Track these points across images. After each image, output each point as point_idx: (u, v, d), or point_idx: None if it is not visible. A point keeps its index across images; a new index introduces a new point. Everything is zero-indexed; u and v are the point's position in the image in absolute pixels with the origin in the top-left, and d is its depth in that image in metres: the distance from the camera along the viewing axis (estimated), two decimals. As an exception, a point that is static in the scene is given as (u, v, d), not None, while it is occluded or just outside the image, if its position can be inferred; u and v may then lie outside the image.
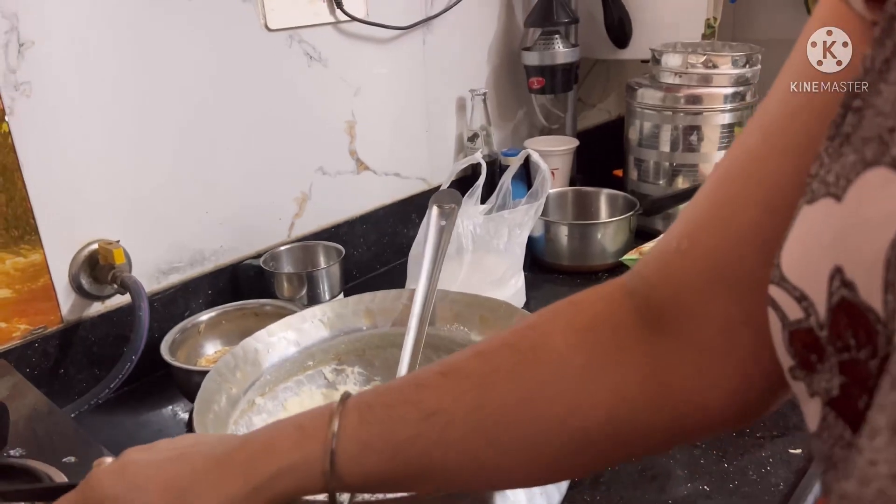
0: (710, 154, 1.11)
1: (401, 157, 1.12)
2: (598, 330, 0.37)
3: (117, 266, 0.78)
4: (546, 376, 0.36)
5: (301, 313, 0.67)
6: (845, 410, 0.24)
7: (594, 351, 0.36)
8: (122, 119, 0.80)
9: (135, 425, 0.78)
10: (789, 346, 0.27)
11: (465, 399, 0.36)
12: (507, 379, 0.36)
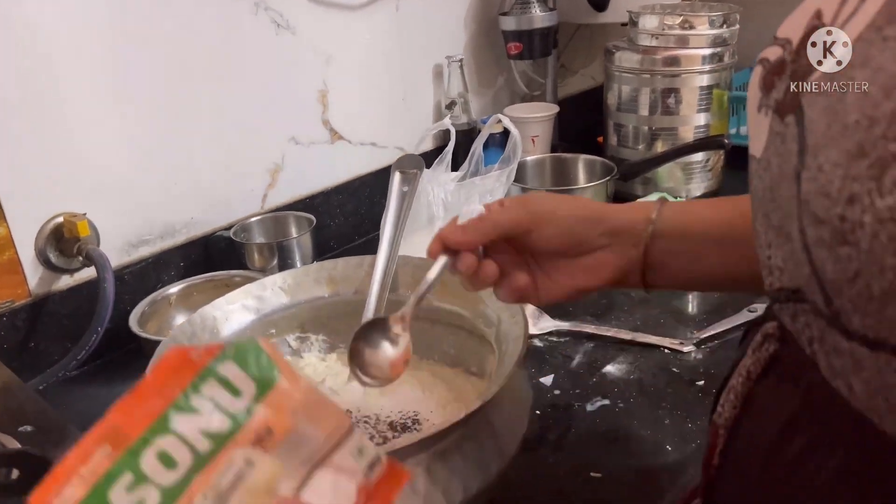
0: (689, 116, 1.09)
1: (376, 126, 1.11)
2: None
3: (83, 238, 0.78)
4: None
5: (261, 281, 0.67)
6: (783, 106, 0.30)
7: None
8: (89, 90, 0.79)
9: (105, 398, 0.78)
10: (762, 83, 0.33)
11: None
12: None
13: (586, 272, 0.49)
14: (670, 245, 0.48)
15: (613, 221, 0.49)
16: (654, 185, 1.12)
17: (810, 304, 0.29)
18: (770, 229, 0.32)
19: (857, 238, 0.23)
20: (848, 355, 0.27)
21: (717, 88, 1.09)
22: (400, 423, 0.59)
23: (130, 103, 0.83)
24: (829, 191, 0.24)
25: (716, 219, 0.48)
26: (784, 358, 0.33)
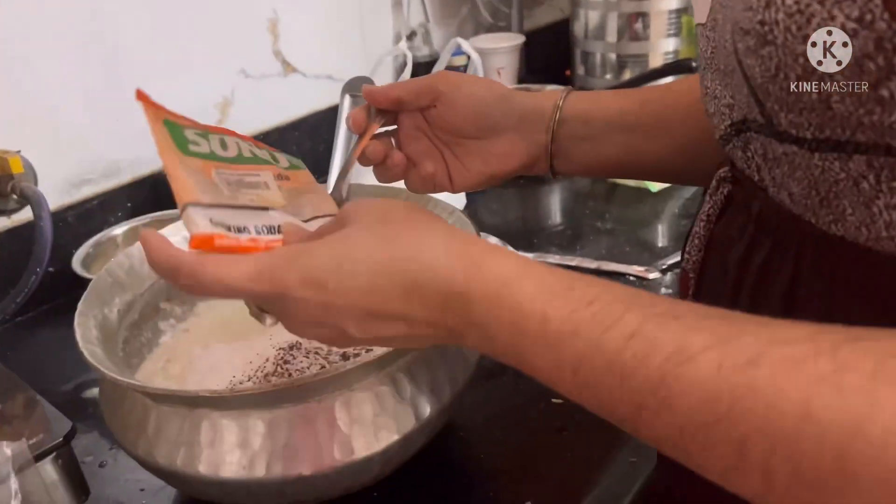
0: (658, 42, 1.06)
1: (332, 58, 1.05)
2: None
3: (16, 176, 0.73)
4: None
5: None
6: None
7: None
8: (25, 19, 0.73)
9: (52, 344, 0.75)
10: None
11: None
12: None
13: (497, 157, 0.51)
14: (574, 130, 0.50)
15: (522, 102, 0.50)
16: (622, 116, 1.09)
17: (753, 124, 0.33)
18: (719, 77, 0.36)
19: (775, 36, 0.28)
20: (784, 161, 0.32)
21: (686, 14, 1.05)
22: (353, 352, 0.56)
23: (69, 33, 0.78)
24: (751, 4, 0.29)
25: (616, 106, 0.50)
26: (737, 195, 0.38)
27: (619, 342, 0.29)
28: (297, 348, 0.57)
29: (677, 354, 0.27)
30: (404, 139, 0.51)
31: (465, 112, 0.49)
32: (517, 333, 0.32)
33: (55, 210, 0.79)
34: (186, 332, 0.62)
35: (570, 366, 0.30)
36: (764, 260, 0.36)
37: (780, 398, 0.24)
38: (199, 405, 0.44)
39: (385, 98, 0.49)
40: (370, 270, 0.34)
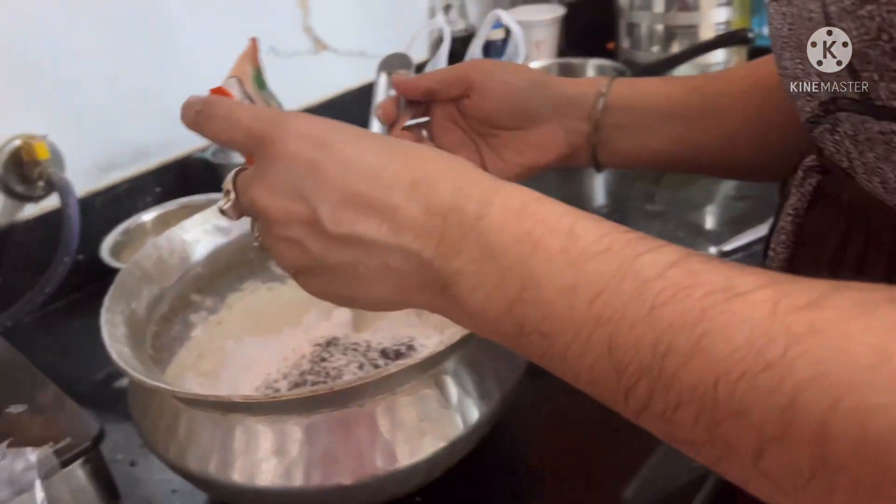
0: (708, 12, 0.99)
1: (366, 33, 1.01)
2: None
3: (42, 162, 0.71)
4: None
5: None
6: None
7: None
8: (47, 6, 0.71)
9: (80, 333, 0.73)
10: None
11: None
12: None
13: (535, 148, 0.47)
14: (618, 118, 0.47)
15: (560, 89, 0.47)
16: (669, 91, 1.03)
17: (843, 102, 0.29)
18: (799, 54, 0.31)
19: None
20: (880, 141, 0.28)
21: (740, -22, 0.98)
22: (393, 349, 0.53)
23: (96, 14, 0.75)
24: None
25: (665, 93, 0.47)
26: (826, 186, 0.34)
27: (656, 269, 0.24)
28: (333, 344, 0.53)
29: (724, 290, 0.22)
30: (437, 130, 0.48)
31: (500, 101, 0.46)
32: (531, 249, 0.26)
33: (83, 196, 0.77)
34: (218, 325, 0.60)
35: (589, 290, 0.25)
36: (857, 255, 0.32)
37: (849, 342, 0.20)
38: (233, 410, 0.41)
39: (415, 89, 0.47)
40: (383, 151, 0.30)
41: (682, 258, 0.24)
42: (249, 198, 0.31)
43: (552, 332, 0.26)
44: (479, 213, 0.27)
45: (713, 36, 1.01)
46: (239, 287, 0.62)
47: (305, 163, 0.29)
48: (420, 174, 0.29)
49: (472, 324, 0.29)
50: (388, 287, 0.30)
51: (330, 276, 0.31)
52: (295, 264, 0.31)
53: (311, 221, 0.29)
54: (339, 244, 0.29)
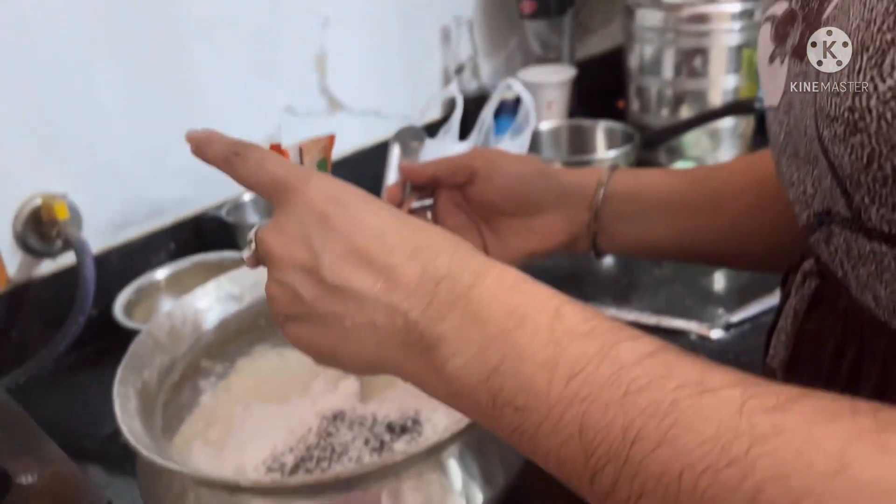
0: (717, 79, 1.01)
1: (380, 93, 1.03)
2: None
3: (61, 221, 0.72)
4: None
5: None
6: (801, 50, 0.31)
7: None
8: (71, 58, 0.73)
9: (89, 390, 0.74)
10: (773, 34, 0.35)
11: None
12: None
13: (537, 235, 0.49)
14: (620, 208, 0.48)
15: (562, 179, 0.48)
16: (679, 153, 1.05)
17: (837, 217, 0.30)
18: (796, 163, 0.33)
19: (867, 123, 0.25)
20: (872, 260, 0.29)
21: (748, 48, 1.00)
22: (399, 423, 0.53)
23: (116, 73, 0.77)
24: (837, 91, 0.27)
25: (665, 184, 0.48)
26: (825, 291, 0.34)
27: (634, 356, 0.25)
28: (340, 419, 0.54)
29: (696, 385, 0.23)
30: (441, 214, 0.50)
31: (503, 189, 0.47)
32: (517, 323, 0.27)
33: (98, 252, 0.78)
34: (227, 391, 0.60)
35: (568, 369, 0.25)
36: (853, 361, 0.33)
37: (812, 446, 0.21)
38: (240, 492, 0.42)
39: (421, 175, 0.48)
40: (392, 218, 0.31)
41: (659, 349, 0.25)
42: (263, 242, 0.32)
43: (527, 406, 0.26)
44: (471, 283, 0.29)
45: (721, 101, 1.03)
46: (249, 352, 0.62)
47: (318, 214, 0.31)
48: (423, 243, 0.30)
49: (447, 392, 0.29)
50: (370, 345, 0.30)
51: (317, 328, 0.31)
52: (286, 310, 0.32)
53: (311, 268, 0.30)
54: (332, 294, 0.30)
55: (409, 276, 0.29)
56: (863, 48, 0.25)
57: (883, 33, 0.24)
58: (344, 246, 0.30)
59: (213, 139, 0.35)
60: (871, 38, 0.25)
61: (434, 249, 0.30)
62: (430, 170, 0.48)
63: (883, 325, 0.30)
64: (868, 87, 0.25)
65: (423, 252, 0.30)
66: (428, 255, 0.30)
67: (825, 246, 0.33)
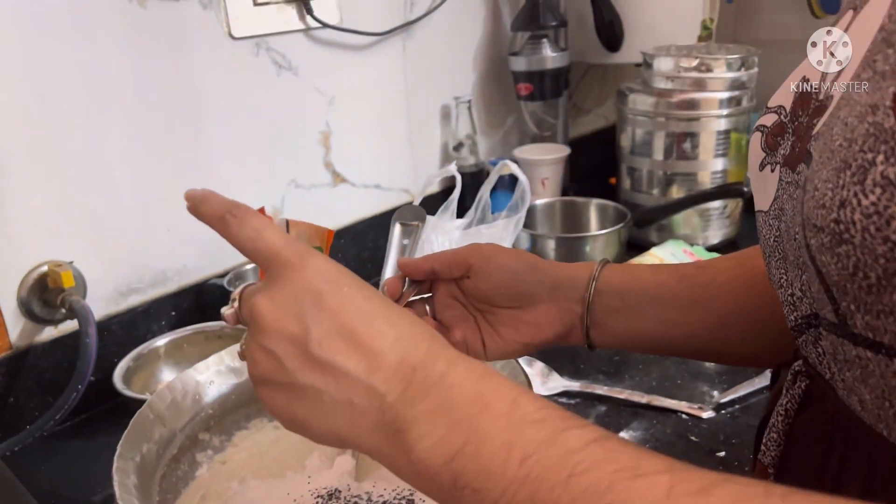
0: (707, 161, 1.05)
1: (381, 168, 1.07)
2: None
3: (66, 289, 0.74)
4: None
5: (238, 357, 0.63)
6: (792, 160, 0.35)
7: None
8: (73, 132, 0.76)
9: (85, 456, 0.74)
10: (764, 144, 0.38)
11: None
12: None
13: (531, 326, 0.50)
14: (609, 302, 0.50)
15: (555, 273, 0.50)
16: (669, 232, 1.08)
17: (824, 322, 0.32)
18: (786, 267, 0.35)
19: (852, 235, 0.27)
20: (857, 364, 0.30)
21: (736, 132, 1.05)
22: (393, 503, 0.54)
23: (125, 145, 0.80)
24: (824, 202, 0.28)
25: (653, 280, 0.50)
26: (815, 391, 0.36)
27: (580, 442, 0.28)
28: (335, 498, 0.54)
29: (632, 469, 0.26)
30: (439, 306, 0.52)
31: (497, 282, 0.49)
32: (481, 409, 0.30)
33: (101, 319, 0.79)
34: (223, 465, 0.61)
35: (521, 452, 0.28)
36: (840, 461, 0.34)
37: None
38: (235, 573, 0.42)
39: (419, 270, 0.51)
40: (382, 305, 0.34)
41: (603, 437, 0.28)
42: (251, 305, 0.34)
43: (484, 487, 0.29)
44: (444, 371, 0.31)
45: (710, 182, 1.06)
46: (246, 425, 0.63)
47: (313, 292, 0.33)
48: (406, 332, 0.33)
49: (412, 472, 0.31)
50: (344, 422, 0.32)
51: (293, 397, 0.33)
52: (265, 376, 0.33)
53: (299, 340, 0.32)
54: (315, 368, 0.32)
55: (391, 360, 0.32)
56: (846, 165, 0.27)
57: (864, 153, 0.27)
58: (334, 324, 0.32)
59: (210, 198, 0.36)
60: (854, 157, 0.27)
61: (414, 339, 0.33)
62: (428, 265, 0.50)
63: (868, 428, 0.31)
64: (852, 201, 0.27)
65: (405, 340, 0.32)
66: (409, 344, 0.32)
67: (813, 348, 0.35)
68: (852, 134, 0.28)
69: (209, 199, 0.37)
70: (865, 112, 0.27)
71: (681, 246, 1.03)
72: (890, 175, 0.25)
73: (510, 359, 0.53)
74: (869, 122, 0.27)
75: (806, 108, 0.35)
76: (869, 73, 0.29)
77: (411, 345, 0.32)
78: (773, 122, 0.38)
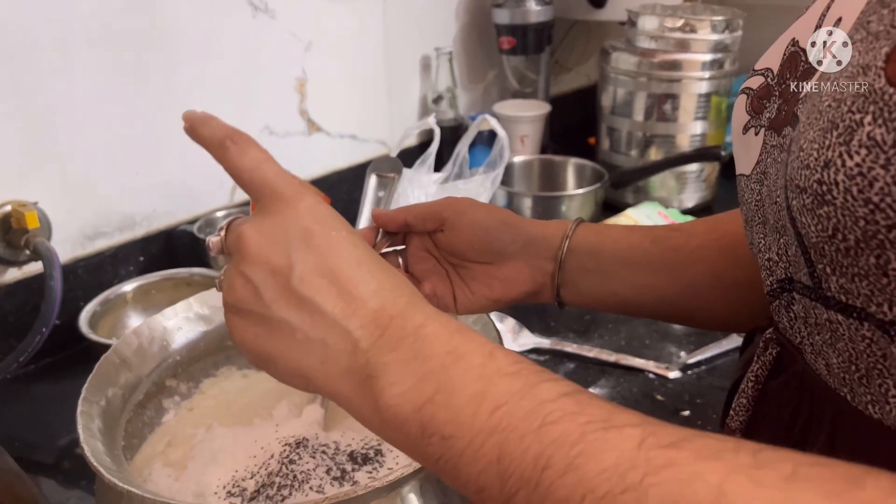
0: (686, 124, 1.05)
1: (358, 118, 1.05)
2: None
3: (31, 230, 0.72)
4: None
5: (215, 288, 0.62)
6: (778, 124, 0.34)
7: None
8: (46, 70, 0.73)
9: (50, 400, 0.73)
10: (749, 107, 0.38)
11: None
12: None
13: (502, 283, 0.50)
14: (581, 261, 0.50)
15: (528, 230, 0.50)
16: (645, 194, 1.08)
17: (798, 286, 0.32)
18: (765, 231, 0.35)
19: (834, 196, 0.27)
20: (827, 328, 0.31)
21: (717, 96, 1.04)
22: (361, 453, 0.54)
23: (95, 85, 0.77)
24: (808, 163, 0.28)
25: (626, 242, 0.50)
26: (785, 357, 0.36)
27: (553, 394, 0.28)
28: (303, 446, 0.54)
29: (603, 421, 0.27)
30: (412, 259, 0.52)
31: (470, 238, 0.49)
32: (454, 360, 0.30)
33: (66, 262, 0.78)
34: (190, 412, 0.60)
35: (492, 402, 0.28)
36: (803, 426, 0.34)
37: (695, 479, 0.24)
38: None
39: (392, 222, 0.50)
40: (368, 253, 0.33)
41: (575, 391, 0.28)
42: (238, 233, 0.33)
43: (452, 435, 0.29)
44: (421, 323, 0.31)
45: (689, 145, 1.06)
46: (214, 373, 0.63)
47: (303, 229, 0.32)
48: (388, 284, 0.32)
49: (378, 420, 0.31)
50: (313, 362, 0.32)
51: (265, 330, 0.32)
52: (240, 303, 0.33)
53: (280, 272, 0.32)
54: (292, 303, 0.31)
55: (370, 307, 0.31)
56: (833, 126, 0.27)
57: (852, 113, 0.26)
58: (319, 263, 0.32)
59: (210, 122, 0.35)
60: (841, 118, 0.27)
61: (395, 291, 0.32)
62: (401, 217, 0.50)
63: (832, 392, 0.32)
64: (837, 161, 0.26)
65: (386, 291, 0.32)
66: (389, 295, 0.32)
67: (785, 312, 0.35)
68: (842, 94, 0.27)
69: (209, 122, 0.35)
70: (856, 73, 0.27)
71: (656, 208, 1.03)
72: (876, 136, 0.25)
73: (481, 313, 0.53)
74: (859, 82, 0.26)
75: (794, 72, 0.34)
76: (862, 34, 0.28)
77: (392, 296, 0.32)
78: (760, 84, 0.37)
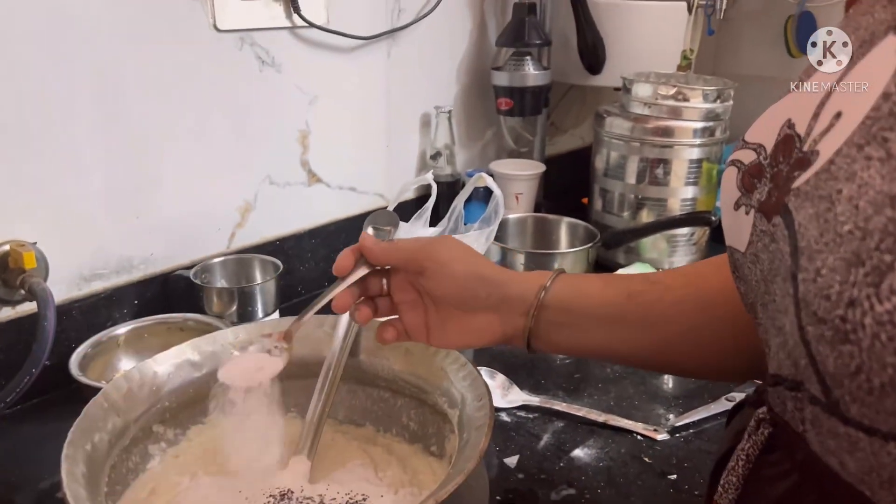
0: (678, 188, 1.07)
1: (358, 171, 1.07)
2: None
3: (28, 270, 0.72)
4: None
5: (212, 335, 0.62)
6: (768, 208, 0.33)
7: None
8: (52, 111, 0.75)
9: (37, 441, 0.73)
10: (740, 183, 0.37)
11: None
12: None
13: (473, 332, 0.53)
14: (554, 317, 0.51)
15: (506, 289, 0.52)
16: (636, 255, 1.10)
17: (806, 393, 0.30)
18: (766, 319, 0.34)
19: (859, 338, 0.25)
20: (844, 438, 0.28)
21: (708, 162, 1.07)
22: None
23: (98, 127, 0.79)
24: (828, 294, 0.26)
25: (600, 297, 0.51)
26: (779, 438, 0.35)
27: None
28: (287, 498, 0.54)
29: None
30: (395, 286, 0.54)
31: (446, 290, 0.52)
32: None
33: (61, 303, 0.78)
34: (175, 459, 0.60)
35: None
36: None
37: None
38: (180, 568, 0.42)
39: (377, 260, 0.53)
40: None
41: None
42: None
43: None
44: None
45: (680, 209, 1.09)
46: (202, 420, 0.62)
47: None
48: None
49: None
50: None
51: None
52: None
53: None
54: None
55: None
56: (858, 260, 0.25)
57: (881, 253, 0.24)
58: None
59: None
60: (868, 255, 0.25)
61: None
62: (385, 258, 0.53)
63: (848, 485, 0.29)
64: (864, 303, 0.24)
65: None
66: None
67: (780, 402, 0.33)
68: (866, 224, 0.25)
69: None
70: (883, 202, 0.25)
71: (647, 269, 1.05)
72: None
73: (454, 350, 0.57)
74: (888, 216, 0.25)
75: (787, 157, 0.33)
76: (881, 153, 0.26)
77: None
78: (751, 161, 0.36)
